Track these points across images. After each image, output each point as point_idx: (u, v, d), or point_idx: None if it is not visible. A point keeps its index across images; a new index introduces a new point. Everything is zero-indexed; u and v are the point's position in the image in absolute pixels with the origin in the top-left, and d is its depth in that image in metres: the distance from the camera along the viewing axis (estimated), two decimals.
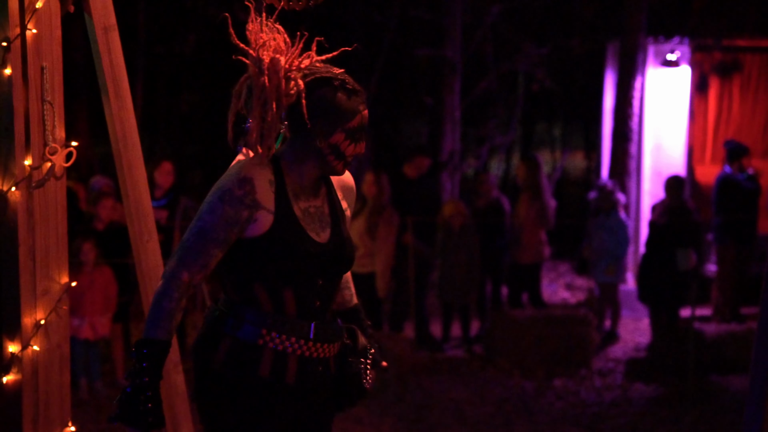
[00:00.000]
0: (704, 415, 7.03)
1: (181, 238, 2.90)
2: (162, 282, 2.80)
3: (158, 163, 8.21)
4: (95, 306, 7.40)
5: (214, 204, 2.81)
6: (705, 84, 11.80)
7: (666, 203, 9.24)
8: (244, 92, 2.91)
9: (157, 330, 2.78)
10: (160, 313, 2.78)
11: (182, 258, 2.80)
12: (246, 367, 2.87)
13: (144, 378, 2.76)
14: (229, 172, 2.88)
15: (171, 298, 2.78)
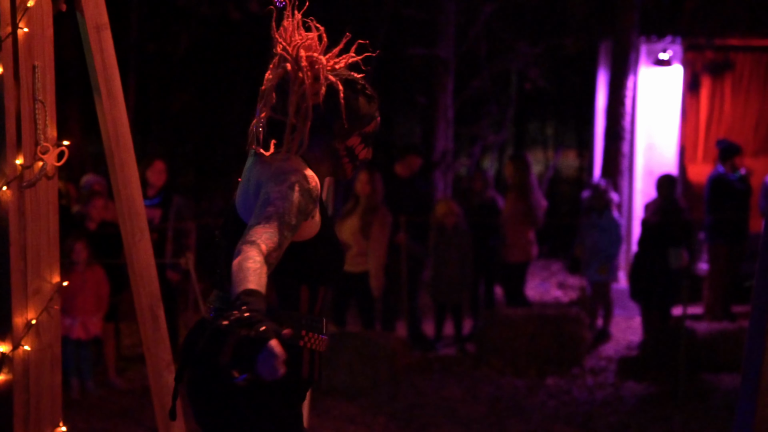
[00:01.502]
0: (696, 414, 7.05)
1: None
2: (240, 253, 2.57)
3: (150, 162, 8.19)
4: (87, 306, 7.39)
5: (284, 192, 2.73)
6: (697, 83, 11.84)
7: (658, 202, 9.26)
8: (274, 92, 2.93)
9: (246, 284, 2.51)
10: (242, 272, 2.53)
11: (255, 233, 2.63)
12: (291, 370, 2.78)
13: (245, 315, 2.43)
14: (282, 167, 2.83)
15: (255, 261, 2.56)
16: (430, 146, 13.39)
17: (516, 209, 9.31)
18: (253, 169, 2.93)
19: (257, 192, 2.83)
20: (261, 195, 2.77)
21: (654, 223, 9.06)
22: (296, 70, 2.92)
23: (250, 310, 2.41)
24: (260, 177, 2.85)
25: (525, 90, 17.86)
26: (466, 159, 17.32)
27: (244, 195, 2.93)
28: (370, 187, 8.59)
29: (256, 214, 2.70)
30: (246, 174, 2.98)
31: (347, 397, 7.28)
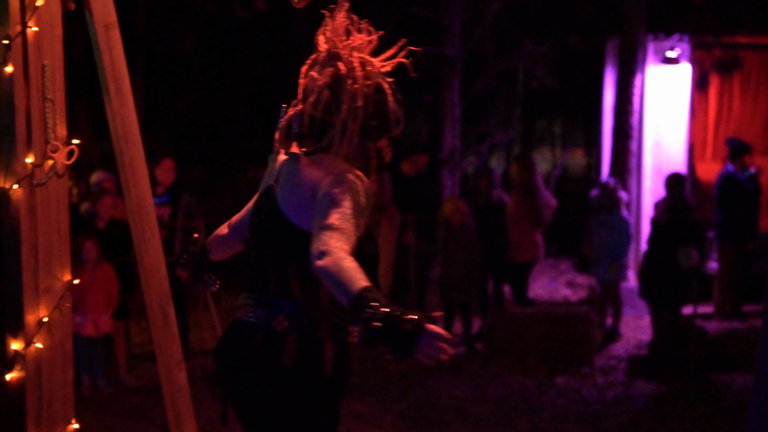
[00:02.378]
0: (706, 413, 7.03)
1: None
2: (330, 255, 2.64)
3: (159, 160, 8.21)
4: (97, 303, 7.41)
5: (347, 195, 2.80)
6: (705, 81, 11.80)
7: (667, 201, 9.23)
8: (325, 92, 2.97)
9: (359, 282, 2.58)
10: (347, 271, 2.60)
11: (333, 236, 2.69)
12: (346, 365, 2.99)
13: (380, 310, 2.51)
14: (336, 168, 2.88)
15: (350, 260, 2.64)
16: (438, 145, 13.38)
17: (520, 209, 9.28)
18: (297, 172, 2.95)
19: (312, 195, 2.86)
20: (321, 198, 2.81)
21: (663, 221, 9.04)
22: (350, 70, 2.98)
23: (386, 305, 2.50)
24: (313, 179, 2.88)
25: (532, 88, 17.83)
26: (474, 157, 17.31)
27: (294, 198, 2.93)
28: (378, 186, 8.58)
29: (323, 217, 2.75)
30: (287, 176, 2.99)
31: (356, 396, 7.27)
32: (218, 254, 3.43)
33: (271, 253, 2.96)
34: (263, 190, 3.11)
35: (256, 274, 3.02)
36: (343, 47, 3.02)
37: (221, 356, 3.03)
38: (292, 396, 2.89)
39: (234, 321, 3.06)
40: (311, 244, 2.71)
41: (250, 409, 2.94)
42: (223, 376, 3.02)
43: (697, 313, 7.87)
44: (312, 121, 2.99)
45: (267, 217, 3.00)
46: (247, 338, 2.95)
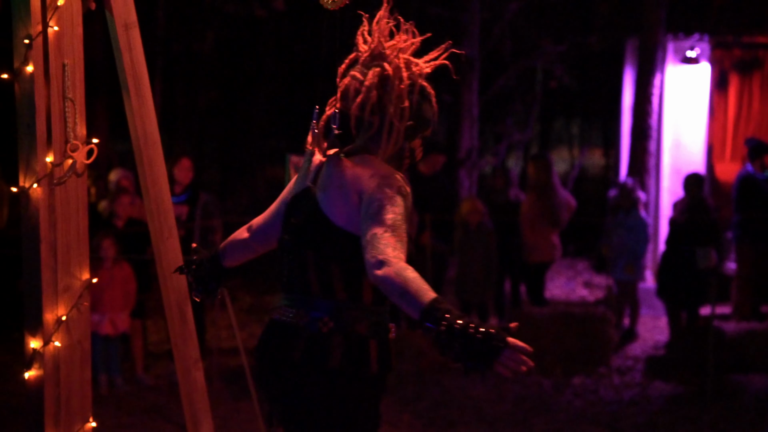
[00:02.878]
0: (724, 414, 7.00)
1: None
2: (390, 266, 2.67)
3: (177, 159, 8.23)
4: (115, 302, 7.44)
5: (395, 199, 2.82)
6: (725, 81, 11.74)
7: (686, 201, 9.20)
8: (373, 93, 3.00)
9: (427, 293, 2.61)
10: (413, 282, 2.64)
11: (389, 244, 2.72)
12: (388, 362, 3.01)
13: (457, 322, 2.55)
14: (381, 171, 2.90)
15: (411, 269, 2.68)
16: (455, 144, 13.37)
17: (535, 209, 9.25)
18: (340, 174, 2.95)
19: (357, 198, 2.88)
20: (370, 201, 2.82)
21: (682, 222, 9.01)
22: (397, 71, 3.02)
23: (460, 316, 2.55)
24: (358, 181, 2.90)
25: (550, 88, 17.80)
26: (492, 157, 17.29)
27: (337, 200, 2.94)
28: None
29: (375, 222, 2.77)
30: (328, 178, 2.99)
31: None
32: (235, 259, 3.40)
33: (313, 254, 2.96)
34: (299, 191, 3.10)
35: (295, 276, 3.02)
36: (389, 48, 3.06)
37: (264, 358, 3.04)
38: (341, 396, 2.92)
39: (272, 321, 3.06)
40: (365, 252, 2.73)
41: (297, 410, 2.96)
42: (267, 378, 3.03)
43: (715, 313, 7.84)
44: (358, 121, 3.01)
45: (308, 218, 3.00)
46: (291, 340, 2.96)
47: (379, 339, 2.97)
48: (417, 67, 3.07)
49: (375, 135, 3.01)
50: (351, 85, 3.05)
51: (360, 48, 3.12)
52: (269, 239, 3.28)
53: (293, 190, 3.14)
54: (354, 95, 3.02)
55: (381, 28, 3.07)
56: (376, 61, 3.05)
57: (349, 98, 3.04)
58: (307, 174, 3.11)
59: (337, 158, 3.00)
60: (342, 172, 2.95)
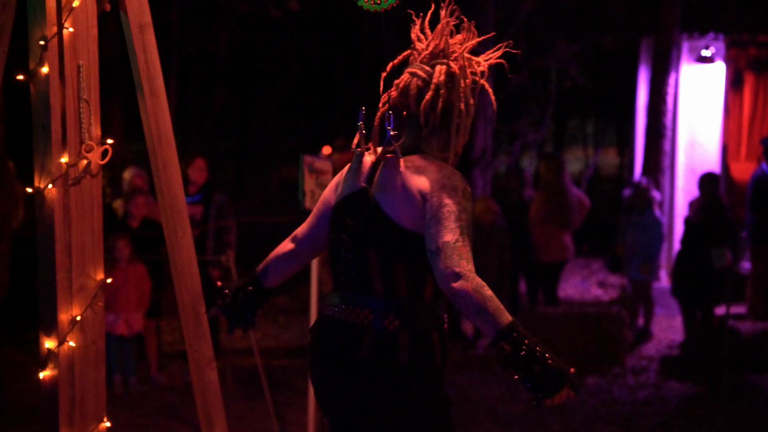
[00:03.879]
0: (739, 414, 6.97)
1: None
2: (468, 281, 2.77)
3: (191, 159, 8.26)
4: (129, 302, 7.46)
5: (464, 204, 2.90)
6: (740, 80, 11.70)
7: (701, 200, 9.16)
8: (442, 91, 3.04)
9: (504, 313, 2.77)
10: (492, 301, 2.76)
11: (463, 255, 2.80)
12: (447, 353, 3.07)
13: (536, 348, 2.72)
14: (448, 173, 2.97)
15: (487, 287, 2.79)
16: (469, 144, 13.35)
17: (544, 209, 9.21)
18: (403, 174, 2.99)
19: (421, 198, 2.92)
20: (439, 205, 2.88)
21: (697, 221, 8.98)
22: (463, 69, 3.08)
23: (536, 343, 2.71)
24: (421, 181, 2.94)
25: (565, 87, 17.77)
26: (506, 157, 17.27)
27: (399, 201, 2.97)
28: None
29: (445, 229, 2.83)
30: (387, 179, 3.01)
31: None
32: (279, 275, 3.36)
33: (377, 254, 2.99)
34: (352, 191, 3.11)
35: (355, 275, 3.04)
36: (454, 46, 3.10)
37: (323, 357, 3.05)
38: (412, 390, 2.96)
39: (326, 319, 3.08)
40: (438, 259, 2.80)
41: (367, 408, 2.98)
42: (326, 376, 3.04)
43: (729, 313, 7.81)
44: (412, 119, 3.06)
45: (369, 219, 3.02)
46: (355, 338, 2.98)
47: (439, 331, 3.04)
48: (479, 65, 3.13)
49: (430, 133, 3.07)
50: (412, 83, 3.08)
51: (417, 46, 3.16)
52: (318, 244, 3.29)
53: (343, 191, 3.14)
54: (417, 92, 3.06)
55: (444, 26, 3.12)
56: (438, 59, 3.10)
57: (410, 95, 3.08)
58: (358, 174, 3.12)
59: (396, 158, 3.03)
60: (402, 173, 2.99)
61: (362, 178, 3.09)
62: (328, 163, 6.02)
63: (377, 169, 3.07)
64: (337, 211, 3.14)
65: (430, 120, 3.04)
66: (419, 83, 3.06)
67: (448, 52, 3.10)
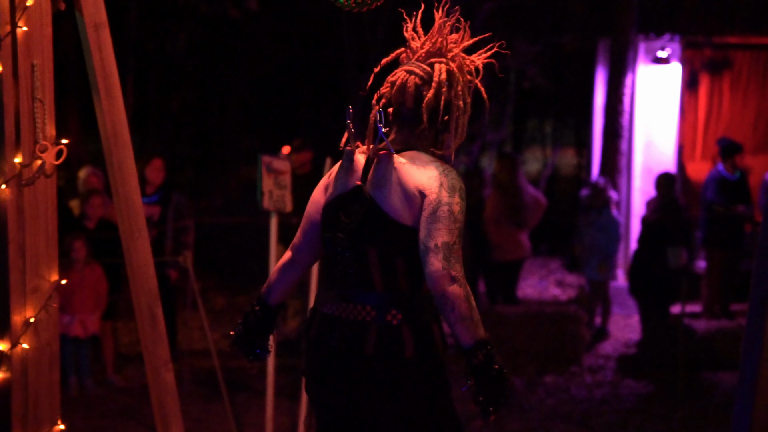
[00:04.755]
0: (694, 411, 7.05)
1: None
2: (461, 287, 2.88)
3: (149, 160, 8.21)
4: (85, 304, 7.40)
5: (461, 204, 2.97)
6: (695, 81, 11.84)
7: (658, 200, 9.26)
8: (443, 89, 3.09)
9: (481, 326, 2.93)
10: (476, 311, 2.91)
11: (458, 258, 2.91)
12: (446, 342, 3.16)
13: (502, 367, 2.91)
14: (444, 167, 3.05)
15: (472, 296, 2.92)
16: None
17: (498, 208, 9.26)
18: (398, 171, 3.02)
19: (418, 193, 2.97)
20: (437, 204, 2.94)
21: (653, 221, 9.07)
22: (461, 67, 3.14)
23: (498, 360, 2.90)
24: (418, 177, 2.99)
25: (523, 88, 17.85)
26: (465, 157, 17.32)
27: (396, 197, 3.01)
28: None
29: (442, 227, 2.91)
30: (383, 176, 3.03)
31: None
32: (283, 287, 3.33)
33: (376, 251, 3.02)
34: (345, 190, 3.12)
35: (353, 272, 3.07)
36: (451, 44, 3.16)
37: (326, 356, 3.06)
38: (419, 382, 3.02)
39: (324, 319, 3.09)
40: (435, 257, 2.88)
41: (376, 403, 3.02)
42: (328, 372, 3.05)
43: (685, 311, 7.89)
44: (430, 117, 3.09)
45: (366, 217, 3.04)
46: (358, 334, 3.01)
47: (438, 323, 3.10)
48: (473, 63, 3.19)
49: (423, 131, 3.11)
50: (410, 80, 3.11)
51: (411, 44, 3.20)
52: (314, 248, 3.29)
53: (335, 191, 3.15)
54: (415, 90, 3.09)
55: (440, 26, 3.16)
56: (434, 57, 3.14)
57: (408, 93, 3.10)
58: (351, 173, 3.13)
59: (390, 156, 3.05)
60: (398, 169, 3.03)
61: (356, 177, 3.11)
62: (286, 163, 6.00)
63: (371, 167, 3.08)
64: (330, 211, 3.15)
65: (433, 118, 3.09)
66: (417, 81, 3.10)
67: (444, 51, 3.15)
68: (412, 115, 3.10)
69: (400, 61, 3.25)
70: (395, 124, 3.14)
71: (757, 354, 3.09)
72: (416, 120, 3.10)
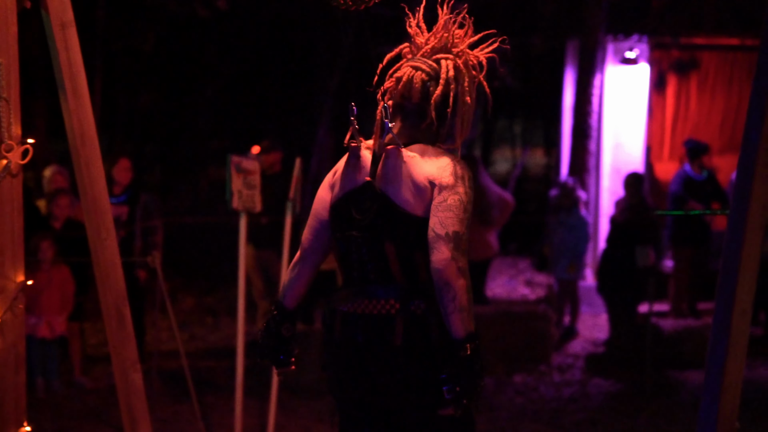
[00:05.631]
0: (662, 409, 7.11)
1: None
2: (465, 279, 2.94)
3: (116, 160, 8.16)
4: (52, 305, 7.34)
5: (470, 194, 3.02)
6: (663, 81, 11.92)
7: (626, 200, 9.31)
8: (452, 85, 3.13)
9: (472, 319, 2.97)
10: (471, 304, 2.96)
11: (465, 250, 2.97)
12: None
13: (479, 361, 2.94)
14: (452, 157, 3.09)
15: (471, 291, 2.97)
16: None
17: None
18: (408, 165, 3.05)
19: (429, 185, 3.02)
20: (450, 192, 2.99)
21: (622, 221, 9.12)
22: (466, 63, 3.18)
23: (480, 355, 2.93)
24: (428, 169, 3.03)
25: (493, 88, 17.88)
26: None
27: (408, 191, 3.04)
28: None
29: (456, 219, 2.97)
30: (393, 170, 3.06)
31: (315, 395, 7.27)
32: (298, 289, 3.34)
33: (394, 245, 3.05)
34: (355, 186, 3.14)
35: (371, 267, 3.10)
36: (457, 41, 3.20)
37: (354, 352, 3.10)
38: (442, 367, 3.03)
39: (347, 317, 3.13)
40: (447, 246, 2.92)
41: (407, 391, 3.05)
42: (358, 370, 3.09)
43: (653, 311, 7.95)
44: (439, 113, 3.13)
45: (379, 212, 3.07)
46: (386, 329, 3.05)
47: None
48: (477, 59, 3.23)
49: (430, 125, 3.14)
50: (416, 76, 3.14)
51: (416, 40, 3.24)
52: (323, 246, 3.29)
53: (343, 188, 3.17)
54: (422, 86, 3.12)
55: (444, 22, 3.20)
56: (440, 53, 3.18)
57: (414, 88, 3.13)
58: (358, 169, 3.15)
59: (398, 150, 3.09)
60: (407, 163, 3.06)
61: (364, 173, 3.13)
62: (256, 163, 5.99)
63: (379, 162, 3.11)
64: (340, 208, 3.18)
65: (441, 114, 3.13)
66: (423, 77, 3.14)
67: (450, 47, 3.19)
68: (417, 110, 3.14)
69: (403, 55, 3.28)
70: (399, 118, 3.17)
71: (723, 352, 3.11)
72: (421, 115, 3.14)
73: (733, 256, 3.09)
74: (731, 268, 3.10)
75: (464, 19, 3.23)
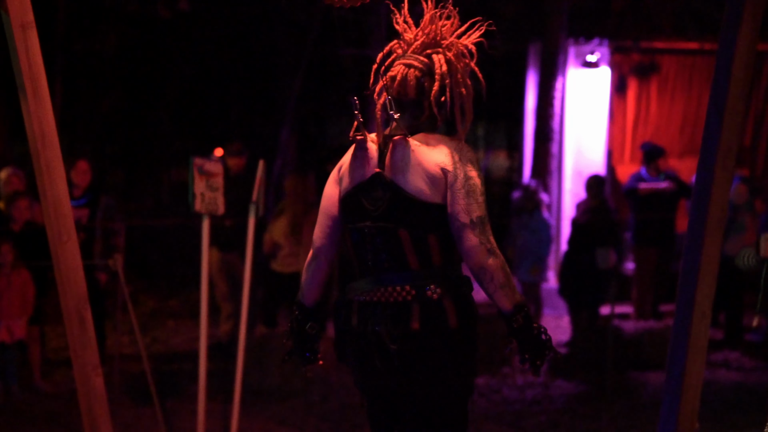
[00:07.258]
0: (623, 411, 7.16)
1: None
2: (497, 258, 3.10)
3: (74, 162, 8.08)
4: (12, 309, 7.27)
5: (481, 175, 3.14)
6: (624, 85, 12.02)
7: (587, 202, 9.38)
8: (447, 79, 3.21)
9: (517, 290, 3.17)
10: (511, 278, 3.13)
11: (490, 230, 3.14)
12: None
13: (534, 324, 3.14)
14: (463, 149, 3.17)
15: (506, 264, 3.13)
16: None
17: None
18: (417, 154, 3.13)
19: (441, 172, 3.10)
20: (466, 177, 3.10)
21: (583, 223, 9.18)
22: (459, 56, 3.26)
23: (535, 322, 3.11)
24: (437, 157, 3.12)
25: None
26: None
27: (419, 179, 3.11)
28: (302, 188, 8.56)
29: (474, 202, 3.09)
30: (402, 161, 3.13)
31: (278, 398, 7.25)
32: (315, 286, 3.42)
33: (409, 232, 3.11)
34: (364, 179, 3.19)
35: (386, 256, 3.15)
36: (447, 34, 3.27)
37: (373, 341, 3.15)
38: (461, 351, 3.15)
39: (363, 306, 3.19)
40: (472, 232, 3.07)
41: (427, 375, 3.13)
42: (378, 357, 3.15)
43: (614, 313, 8.00)
44: (440, 109, 3.20)
45: (391, 201, 3.13)
46: (404, 315, 3.10)
47: (471, 292, 3.23)
48: (465, 48, 3.30)
49: (427, 117, 3.21)
50: (410, 74, 3.20)
51: (405, 37, 3.30)
52: (336, 241, 3.36)
53: (353, 181, 3.22)
54: (416, 82, 3.19)
55: (432, 16, 3.28)
56: (430, 48, 3.24)
57: (409, 85, 3.19)
58: (366, 162, 3.20)
59: (405, 139, 3.15)
60: (415, 151, 3.14)
61: (372, 164, 3.19)
62: (219, 165, 5.96)
63: (386, 153, 3.16)
64: (350, 201, 3.22)
65: (442, 109, 3.21)
66: (417, 74, 3.21)
67: (439, 41, 3.25)
68: (414, 104, 3.21)
69: (393, 51, 3.34)
70: (398, 112, 3.22)
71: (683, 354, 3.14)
72: (419, 108, 3.21)
73: (693, 260, 3.13)
74: (691, 271, 3.13)
75: (450, 12, 3.30)
